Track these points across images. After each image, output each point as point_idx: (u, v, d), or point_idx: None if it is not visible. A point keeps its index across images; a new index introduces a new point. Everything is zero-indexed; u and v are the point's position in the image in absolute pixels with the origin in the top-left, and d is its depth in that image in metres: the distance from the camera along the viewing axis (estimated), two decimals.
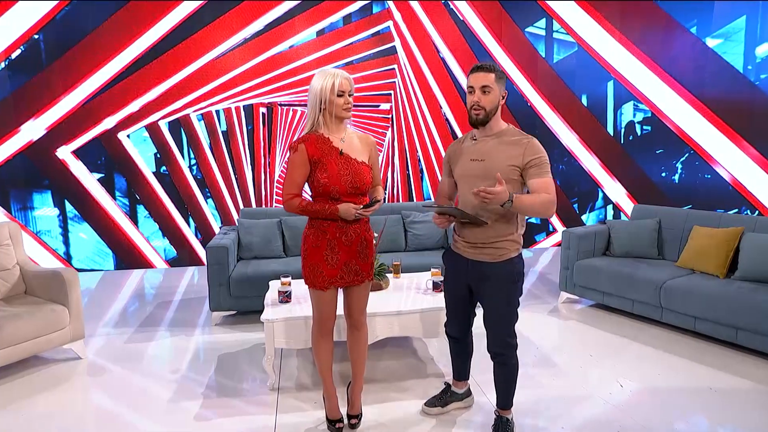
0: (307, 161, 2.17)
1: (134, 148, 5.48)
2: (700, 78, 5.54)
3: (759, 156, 5.30)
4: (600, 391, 2.75)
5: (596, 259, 3.91)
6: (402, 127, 5.95)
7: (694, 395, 2.70)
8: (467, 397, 2.57)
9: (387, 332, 2.82)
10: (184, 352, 3.34)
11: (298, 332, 2.74)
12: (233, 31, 5.40)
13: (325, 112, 2.17)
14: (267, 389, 2.83)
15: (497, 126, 2.14)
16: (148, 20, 5.19)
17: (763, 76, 5.42)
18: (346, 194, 2.17)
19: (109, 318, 4.03)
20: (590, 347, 3.29)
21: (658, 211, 4.03)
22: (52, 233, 5.47)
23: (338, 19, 5.60)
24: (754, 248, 3.30)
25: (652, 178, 5.97)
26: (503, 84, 2.11)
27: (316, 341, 2.36)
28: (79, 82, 5.18)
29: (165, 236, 5.65)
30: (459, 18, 5.78)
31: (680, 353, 3.17)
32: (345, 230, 2.21)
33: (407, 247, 4.25)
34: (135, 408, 2.69)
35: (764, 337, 2.96)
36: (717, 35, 5.59)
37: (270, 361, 2.77)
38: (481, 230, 2.11)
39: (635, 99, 5.89)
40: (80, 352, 3.25)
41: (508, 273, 2.12)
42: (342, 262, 2.23)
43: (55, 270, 3.28)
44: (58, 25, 5.10)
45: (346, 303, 2.38)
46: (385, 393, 2.75)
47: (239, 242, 4.04)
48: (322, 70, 2.20)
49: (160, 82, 5.37)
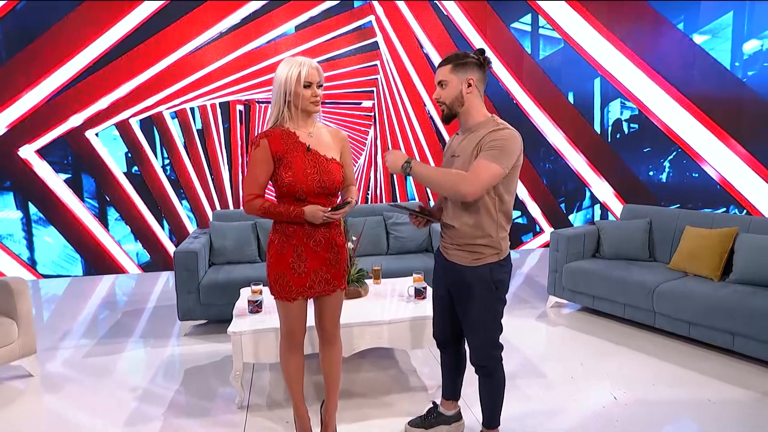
0: (270, 158, 1.94)
1: (103, 147, 5.19)
2: (688, 75, 5.43)
3: (747, 155, 5.20)
4: (593, 404, 2.55)
5: (586, 261, 3.73)
6: (385, 124, 5.73)
7: (691, 408, 2.52)
8: (456, 421, 2.29)
9: (365, 344, 2.60)
10: (147, 367, 3.08)
11: (269, 345, 2.51)
12: (208, 25, 5.13)
13: (290, 104, 1.94)
14: (235, 407, 2.58)
15: (474, 118, 1.92)
16: (118, 12, 4.90)
17: (751, 72, 5.32)
18: (313, 195, 1.94)
19: (70, 329, 3.75)
20: (581, 355, 3.10)
21: (648, 211, 3.86)
22: (14, 237, 5.15)
23: (318, 14, 5.35)
24: (749, 250, 3.14)
25: (639, 177, 5.84)
26: (466, 71, 1.87)
27: (284, 357, 2.13)
28: (42, 77, 4.87)
29: (137, 240, 5.35)
30: (443, 13, 5.58)
31: (675, 361, 3.00)
32: (313, 235, 1.98)
33: (389, 250, 4.03)
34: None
35: (762, 343, 2.80)
36: (704, 31, 5.48)
37: (238, 377, 2.53)
38: (455, 230, 1.92)
39: (622, 96, 5.75)
40: (31, 369, 2.96)
41: (482, 280, 1.90)
42: (310, 269, 2.00)
43: (2, 280, 2.99)
44: (19, 16, 4.79)
45: (317, 315, 2.15)
46: (364, 409, 2.52)
47: (211, 246, 3.78)
48: (288, 58, 1.96)
49: (130, 78, 5.08)
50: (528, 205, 6.00)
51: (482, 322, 1.94)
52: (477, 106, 1.91)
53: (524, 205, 6.00)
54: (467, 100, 1.89)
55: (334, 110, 5.64)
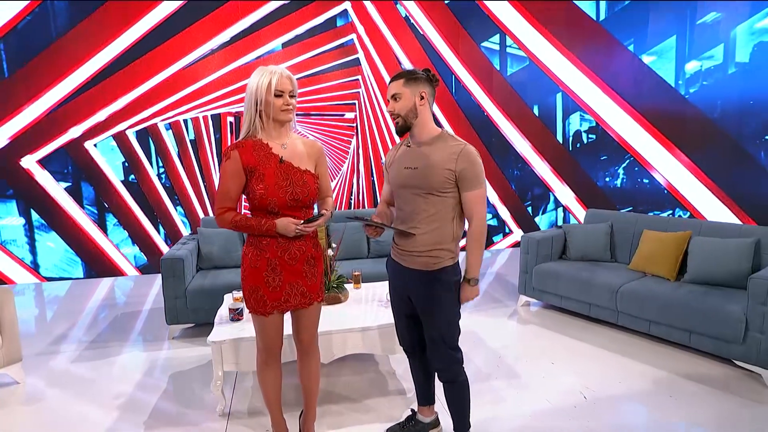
0: (241, 170, 1.64)
1: (102, 157, 4.80)
2: (638, 91, 5.28)
3: (690, 163, 5.07)
4: (564, 404, 2.31)
5: (554, 263, 3.49)
6: (366, 135, 5.44)
7: (655, 405, 2.30)
8: (434, 428, 2.04)
9: (344, 350, 2.31)
10: (133, 372, 2.75)
11: (250, 354, 2.21)
12: (200, 41, 4.78)
13: (262, 114, 1.64)
14: (216, 415, 2.28)
15: (427, 132, 1.74)
16: (114, 30, 4.53)
17: (692, 90, 5.18)
18: (286, 207, 1.65)
19: (64, 332, 3.40)
20: (551, 353, 2.87)
21: (609, 216, 3.65)
22: (18, 242, 4.74)
23: (303, 32, 5.03)
24: (701, 252, 2.96)
25: (597, 183, 5.67)
26: (418, 85, 1.70)
27: (260, 371, 1.84)
28: (43, 91, 4.48)
29: (135, 243, 4.97)
30: (419, 32, 5.32)
31: (638, 357, 2.78)
32: (287, 248, 1.69)
33: (370, 253, 3.74)
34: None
35: (715, 340, 2.61)
36: (651, 52, 5.33)
37: (219, 386, 2.23)
38: (414, 238, 1.72)
39: (581, 110, 5.57)
40: (17, 376, 2.62)
41: (442, 282, 1.72)
42: (285, 283, 1.71)
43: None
44: (20, 34, 4.39)
45: (294, 326, 1.86)
46: (343, 415, 2.24)
47: (199, 252, 3.45)
48: (261, 67, 1.66)
49: (126, 92, 4.71)
50: (498, 208, 5.78)
51: (442, 324, 1.75)
52: (428, 119, 1.74)
53: (495, 208, 5.78)
54: (420, 112, 1.71)
55: (319, 122, 5.33)
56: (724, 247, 2.87)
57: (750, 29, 4.67)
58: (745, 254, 2.79)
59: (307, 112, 5.26)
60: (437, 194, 1.67)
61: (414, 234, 1.71)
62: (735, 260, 2.80)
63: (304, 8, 4.97)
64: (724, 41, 4.91)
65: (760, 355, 2.43)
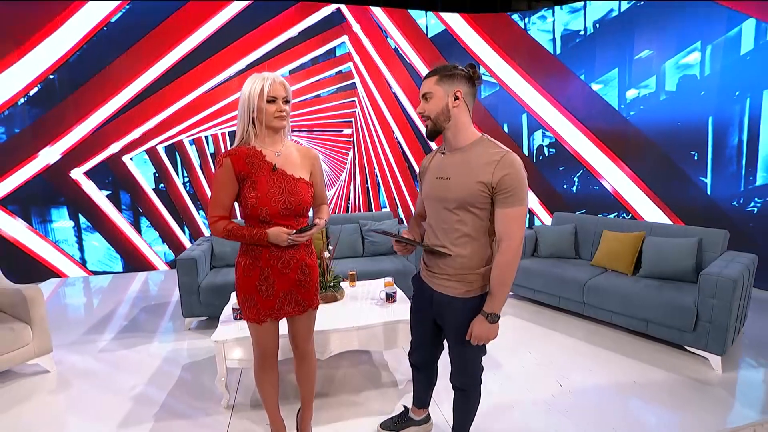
0: (234, 178, 1.29)
1: (136, 169, 4.41)
2: (588, 113, 5.01)
3: (631, 173, 4.82)
4: (543, 395, 1.99)
5: (528, 260, 3.15)
6: (362, 148, 5.09)
7: (624, 390, 1.98)
8: (425, 423, 1.71)
9: (340, 347, 1.96)
10: (150, 362, 2.38)
11: (252, 351, 1.85)
12: (220, 70, 4.42)
13: (255, 120, 1.28)
14: (221, 408, 1.92)
15: (465, 136, 1.23)
16: (147, 62, 4.18)
17: (632, 113, 4.92)
18: (279, 216, 1.30)
19: (97, 322, 3.00)
20: (528, 343, 2.53)
21: (574, 218, 3.33)
22: (68, 242, 4.36)
23: (307, 60, 4.68)
24: (653, 250, 2.66)
25: (556, 189, 5.36)
26: (453, 83, 1.19)
27: (257, 376, 1.49)
28: (88, 114, 4.12)
29: (164, 242, 4.58)
30: (407, 62, 4.98)
31: (604, 345, 2.47)
32: (280, 256, 1.34)
33: (364, 252, 3.38)
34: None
35: (669, 328, 2.31)
36: (599, 81, 5.06)
37: (223, 382, 1.87)
38: (444, 260, 1.23)
39: (543, 128, 5.26)
40: (48, 366, 2.27)
41: (475, 312, 1.23)
42: (279, 291, 1.36)
43: (17, 288, 2.26)
44: (71, 67, 4.06)
45: (290, 332, 1.51)
46: (339, 409, 1.89)
47: (213, 251, 3.07)
48: (254, 74, 1.30)
49: (157, 113, 4.33)
50: None
51: (470, 351, 1.30)
52: (465, 123, 1.23)
53: None
54: (454, 114, 1.21)
55: (321, 137, 4.99)
56: (672, 246, 2.59)
57: (676, 64, 4.46)
58: (690, 252, 2.53)
59: (311, 128, 4.91)
60: (470, 210, 1.17)
61: (445, 254, 1.22)
62: (682, 257, 2.53)
63: (309, 41, 4.65)
64: (656, 73, 4.70)
65: (709, 342, 2.16)
